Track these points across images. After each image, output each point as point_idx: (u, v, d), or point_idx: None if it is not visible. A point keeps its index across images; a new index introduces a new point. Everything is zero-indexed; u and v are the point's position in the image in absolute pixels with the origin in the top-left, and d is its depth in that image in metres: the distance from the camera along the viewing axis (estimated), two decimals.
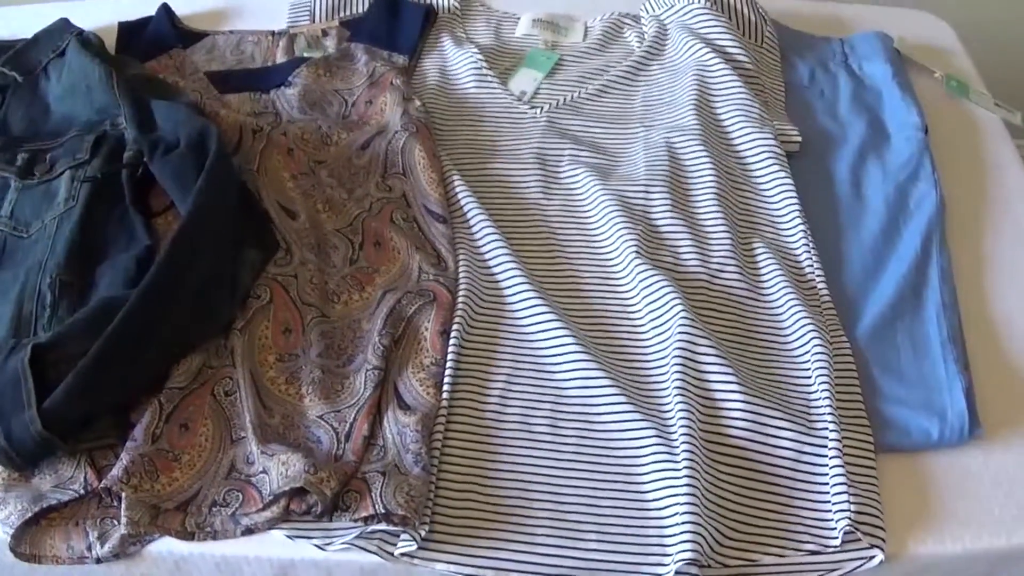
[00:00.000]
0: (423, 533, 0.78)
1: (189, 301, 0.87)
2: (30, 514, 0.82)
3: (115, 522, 0.82)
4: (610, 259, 0.91)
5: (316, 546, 0.80)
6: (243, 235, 0.93)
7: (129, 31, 1.15)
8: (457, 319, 0.87)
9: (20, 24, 1.21)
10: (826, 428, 0.82)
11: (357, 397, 0.84)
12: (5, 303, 0.94)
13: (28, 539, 0.82)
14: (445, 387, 0.85)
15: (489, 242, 0.92)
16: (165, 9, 1.16)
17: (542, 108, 1.02)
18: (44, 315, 0.92)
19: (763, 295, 0.89)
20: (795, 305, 0.88)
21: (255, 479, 0.82)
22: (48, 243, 0.96)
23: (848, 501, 0.78)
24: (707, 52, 1.01)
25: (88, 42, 1.08)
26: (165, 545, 0.82)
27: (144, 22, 1.17)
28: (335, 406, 0.84)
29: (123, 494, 0.81)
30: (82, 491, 0.82)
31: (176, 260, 0.86)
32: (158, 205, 0.98)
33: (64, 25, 1.11)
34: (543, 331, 0.87)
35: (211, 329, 0.89)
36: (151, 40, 1.12)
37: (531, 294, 0.88)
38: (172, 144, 0.96)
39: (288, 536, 0.80)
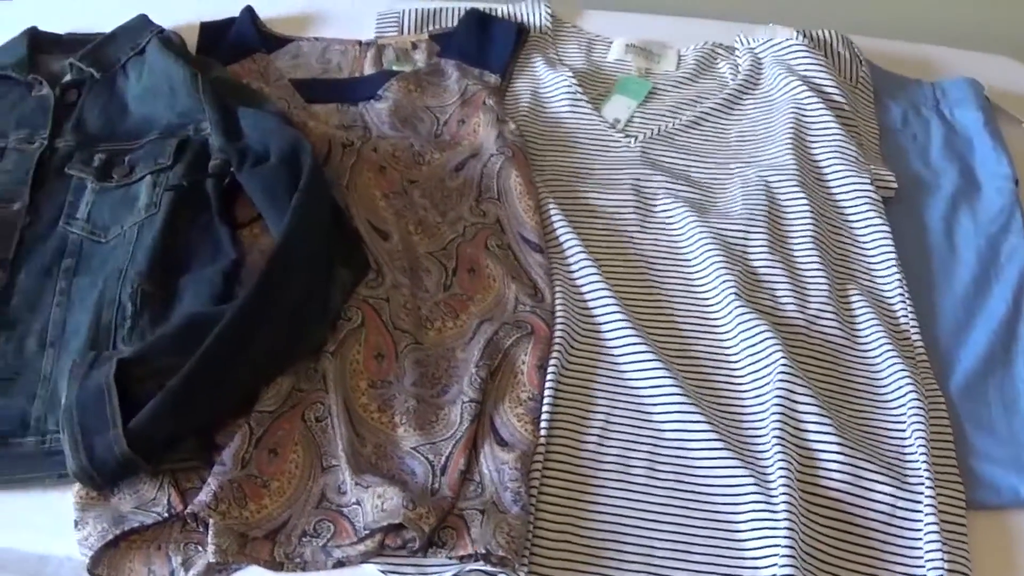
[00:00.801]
0: (522, 575, 0.76)
1: (283, 321, 0.85)
2: (111, 536, 0.80)
3: (199, 548, 0.80)
4: (708, 299, 0.90)
5: None
6: (334, 253, 0.90)
7: (211, 31, 1.13)
8: (555, 354, 0.86)
9: (94, 15, 1.17)
10: (921, 483, 0.81)
11: (453, 430, 0.82)
12: (82, 310, 0.92)
13: (106, 561, 0.80)
14: (543, 424, 0.83)
15: (586, 275, 0.90)
16: (249, 11, 1.13)
17: (636, 137, 1.01)
18: (124, 326, 0.90)
19: (859, 344, 0.88)
20: (891, 356, 0.87)
21: (347, 510, 0.80)
22: (128, 250, 0.94)
23: (942, 559, 0.77)
24: (804, 90, 1.00)
25: (169, 41, 1.05)
26: (251, 573, 0.79)
27: (227, 23, 1.15)
28: (430, 438, 0.82)
29: (211, 520, 0.78)
30: (165, 514, 0.80)
31: (272, 280, 0.84)
32: (243, 216, 0.95)
33: (143, 22, 1.08)
34: (641, 370, 0.85)
35: (303, 350, 0.87)
36: (234, 42, 1.10)
37: (629, 331, 0.86)
38: (261, 155, 0.94)
39: (381, 571, 0.79)
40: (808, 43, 1.03)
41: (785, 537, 0.77)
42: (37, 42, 1.11)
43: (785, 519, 0.77)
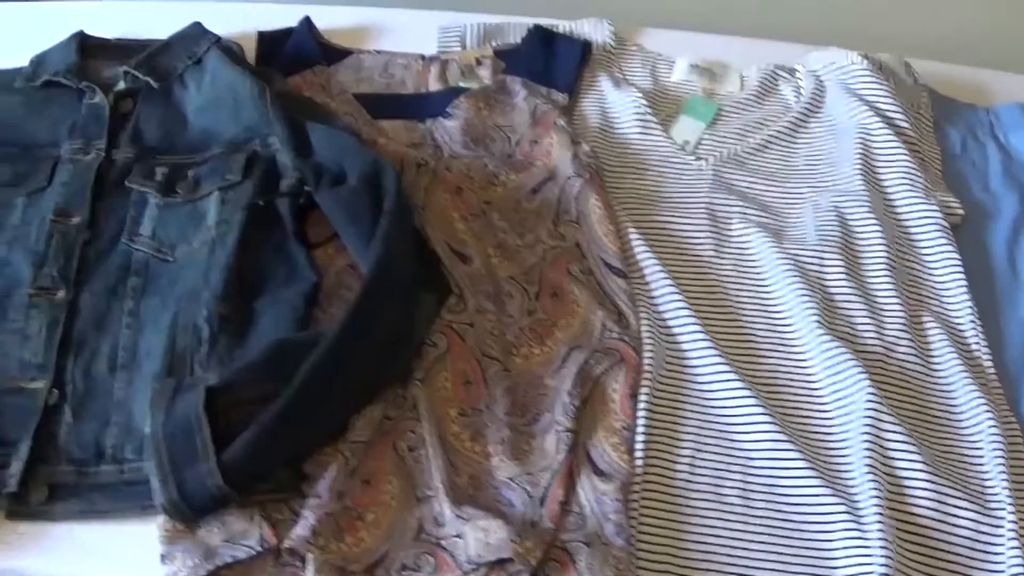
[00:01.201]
0: None
1: (376, 349, 0.84)
2: (203, 572, 0.77)
3: None
4: (788, 325, 0.91)
5: None
6: (417, 277, 0.89)
7: (269, 42, 1.10)
8: (645, 382, 0.86)
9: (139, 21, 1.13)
10: (1002, 508, 0.83)
11: (550, 460, 0.82)
12: (154, 333, 0.89)
13: None
14: (638, 454, 0.83)
15: (669, 301, 0.91)
16: (307, 22, 1.10)
17: (707, 160, 1.01)
18: (200, 350, 0.88)
19: (934, 371, 0.91)
20: (966, 382, 0.89)
21: (446, 542, 0.79)
22: (199, 270, 0.91)
23: None
24: (869, 115, 1.02)
25: (231, 51, 1.01)
26: None
27: (284, 33, 1.12)
28: (526, 468, 0.82)
29: (310, 556, 0.77)
30: (259, 548, 0.79)
31: (366, 307, 0.83)
32: (316, 236, 0.94)
33: (199, 30, 1.05)
34: (729, 398, 0.86)
35: (392, 378, 0.86)
36: (293, 54, 1.07)
37: (716, 359, 0.87)
38: (336, 174, 0.92)
39: None
40: (872, 67, 1.05)
41: (881, 565, 0.78)
42: (86, 47, 1.07)
43: (881, 549, 0.79)
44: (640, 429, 0.84)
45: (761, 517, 0.82)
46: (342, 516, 0.80)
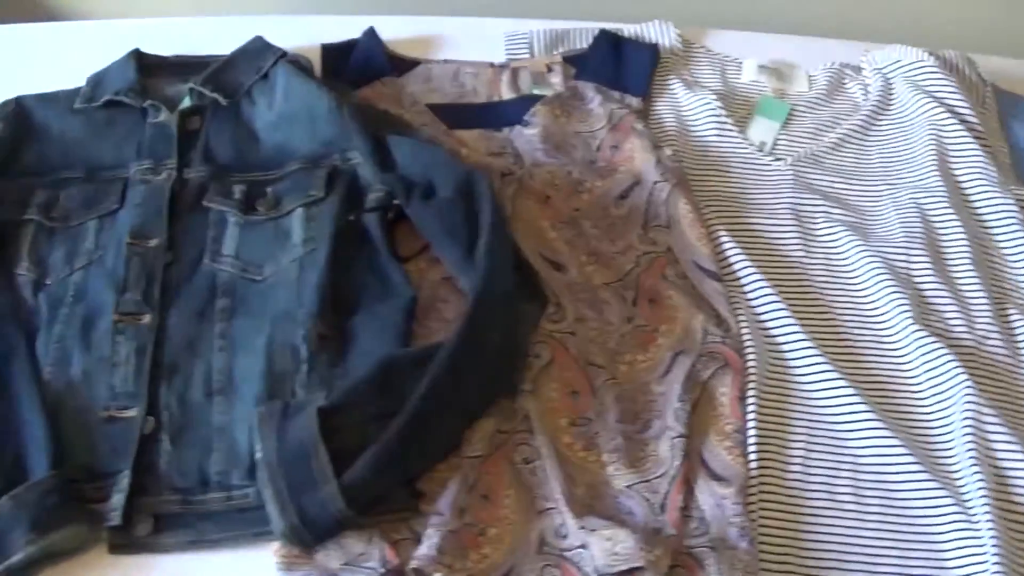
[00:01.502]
0: None
1: (488, 364, 0.83)
2: None
3: None
4: (881, 322, 0.92)
5: None
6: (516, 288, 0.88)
7: (334, 54, 1.09)
8: (751, 384, 0.87)
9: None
10: None
11: (666, 467, 0.82)
12: (249, 355, 0.88)
13: None
14: (751, 456, 0.83)
15: (766, 302, 0.91)
16: (373, 33, 1.09)
17: (786, 160, 1.01)
18: (300, 371, 0.86)
19: (1022, 364, 0.91)
20: None
21: (570, 554, 0.79)
22: (291, 290, 0.90)
23: None
24: (940, 111, 1.03)
25: (299, 65, 0.99)
26: None
27: (348, 45, 1.10)
28: (643, 476, 0.82)
29: (437, 575, 0.75)
30: (381, 569, 0.78)
31: (477, 322, 0.83)
32: (405, 250, 0.92)
33: (263, 44, 1.04)
34: (834, 396, 0.87)
35: (503, 391, 0.85)
36: (360, 66, 1.06)
37: (817, 359, 0.88)
38: (425, 186, 0.90)
39: None
40: (937, 63, 1.06)
41: (994, 555, 0.79)
42: (144, 65, 1.04)
43: (992, 538, 0.80)
44: (751, 431, 0.84)
45: (874, 514, 0.83)
46: (464, 533, 0.79)
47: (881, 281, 0.93)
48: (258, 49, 1.04)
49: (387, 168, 0.93)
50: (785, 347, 0.89)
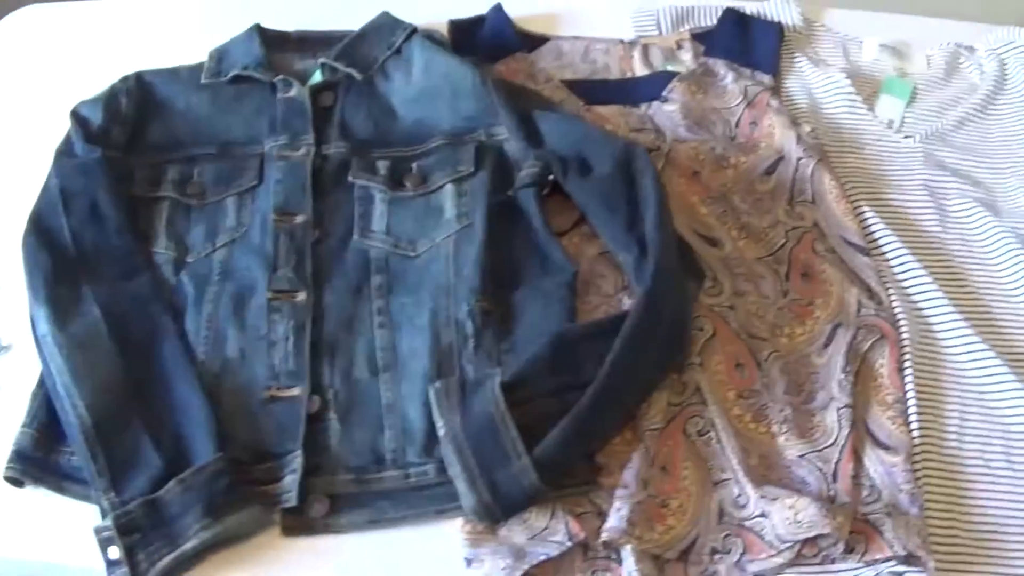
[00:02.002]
0: (933, 572, 0.78)
1: (664, 338, 0.84)
2: (519, 573, 0.77)
3: (607, 574, 0.78)
4: (1018, 296, 0.94)
5: None
6: None
7: (462, 30, 1.09)
8: (906, 356, 0.89)
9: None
10: None
11: (835, 436, 0.84)
12: (413, 331, 0.88)
13: None
14: (913, 425, 0.85)
15: (912, 276, 0.94)
16: (500, 9, 1.10)
17: (915, 138, 1.03)
18: (467, 346, 0.87)
19: None
20: None
21: (750, 523, 0.81)
22: (447, 265, 0.90)
23: None
24: None
25: (436, 40, 0.98)
26: None
27: (475, 21, 1.11)
28: (815, 446, 0.84)
29: (630, 547, 0.76)
30: (567, 542, 0.78)
31: (655, 297, 0.84)
32: (559, 226, 0.93)
33: (392, 20, 1.04)
34: (983, 367, 0.91)
35: (675, 364, 0.86)
36: (490, 42, 1.06)
37: (965, 331, 0.92)
38: (579, 162, 0.90)
39: None
40: None
41: None
42: (267, 39, 1.03)
43: None
44: (910, 401, 0.87)
45: None
46: (649, 504, 0.80)
47: (1016, 256, 0.95)
48: (388, 24, 1.03)
49: (535, 143, 0.94)
50: (933, 320, 0.92)
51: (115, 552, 0.77)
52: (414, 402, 0.84)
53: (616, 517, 0.78)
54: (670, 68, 1.07)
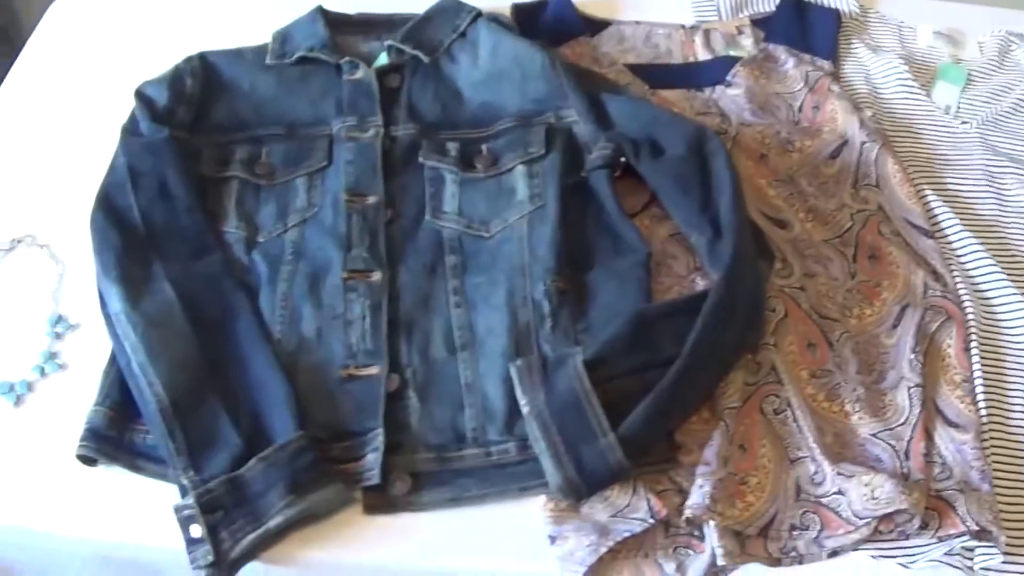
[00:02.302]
0: (1004, 547, 0.80)
1: (741, 317, 0.85)
2: (604, 549, 0.79)
3: (688, 551, 0.81)
4: None
5: (900, 564, 0.81)
6: None
7: (525, 13, 1.10)
8: (972, 336, 0.91)
9: None
10: None
11: (906, 415, 0.86)
12: (489, 310, 0.90)
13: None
14: (980, 404, 0.87)
15: (975, 259, 0.96)
16: None
17: (971, 123, 1.06)
18: (544, 325, 0.88)
19: None
20: None
21: (826, 500, 0.83)
22: (520, 245, 0.92)
23: None
24: None
25: (503, 24, 0.99)
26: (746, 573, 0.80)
27: (537, 5, 1.12)
28: (887, 424, 0.86)
29: (712, 523, 0.78)
30: (650, 520, 0.79)
31: (733, 278, 0.86)
32: (630, 207, 0.94)
33: (456, 3, 1.06)
34: None
35: (752, 344, 0.88)
36: (553, 25, 1.08)
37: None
38: (650, 144, 0.91)
39: (873, 556, 0.81)
40: None
41: None
42: (331, 22, 1.04)
43: None
44: (977, 381, 0.89)
45: None
46: (729, 482, 0.82)
47: None
48: (453, 7, 1.04)
49: (605, 126, 0.95)
50: (995, 301, 0.94)
51: (197, 530, 0.78)
52: (493, 380, 0.85)
53: (699, 494, 0.80)
54: (732, 53, 1.08)
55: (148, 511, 0.83)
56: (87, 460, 0.84)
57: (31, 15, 1.39)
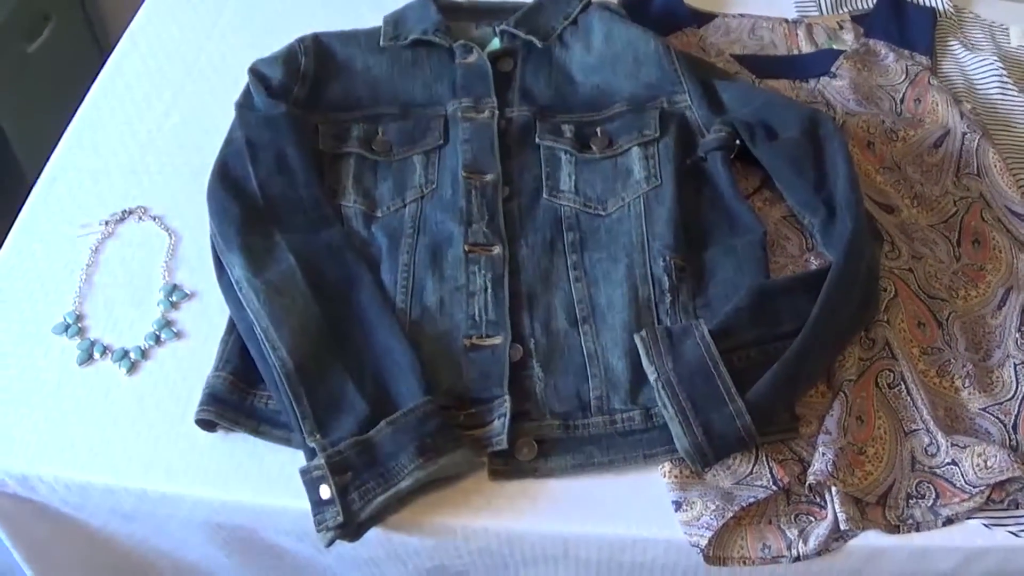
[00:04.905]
0: None
1: (859, 291, 0.94)
2: (730, 514, 0.86)
3: (811, 518, 0.89)
4: None
5: (1011, 533, 0.88)
6: None
7: (634, 4, 1.20)
8: None
9: None
10: None
11: (1014, 390, 0.95)
12: (610, 285, 0.98)
13: (715, 541, 0.86)
14: None
15: None
16: None
17: None
18: (665, 300, 0.96)
19: None
20: None
21: (941, 471, 0.90)
22: (637, 223, 1.00)
23: None
24: None
25: (615, 11, 1.08)
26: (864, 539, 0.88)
27: None
28: (996, 399, 0.95)
29: (835, 489, 0.85)
30: (773, 487, 0.87)
31: (852, 254, 0.94)
32: (743, 189, 1.02)
33: None
34: None
35: (869, 319, 0.96)
36: (661, 16, 1.18)
37: None
38: (763, 127, 1.00)
39: (986, 525, 0.88)
40: None
41: None
42: (442, 7, 1.13)
43: None
44: None
45: None
46: (849, 451, 0.89)
47: None
48: None
49: (718, 111, 1.04)
50: None
51: (327, 491, 0.83)
52: (616, 351, 0.93)
53: (822, 461, 0.87)
54: (834, 47, 1.18)
55: (262, 477, 0.89)
56: (207, 424, 0.91)
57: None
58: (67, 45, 1.89)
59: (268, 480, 0.89)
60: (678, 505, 0.87)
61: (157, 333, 0.99)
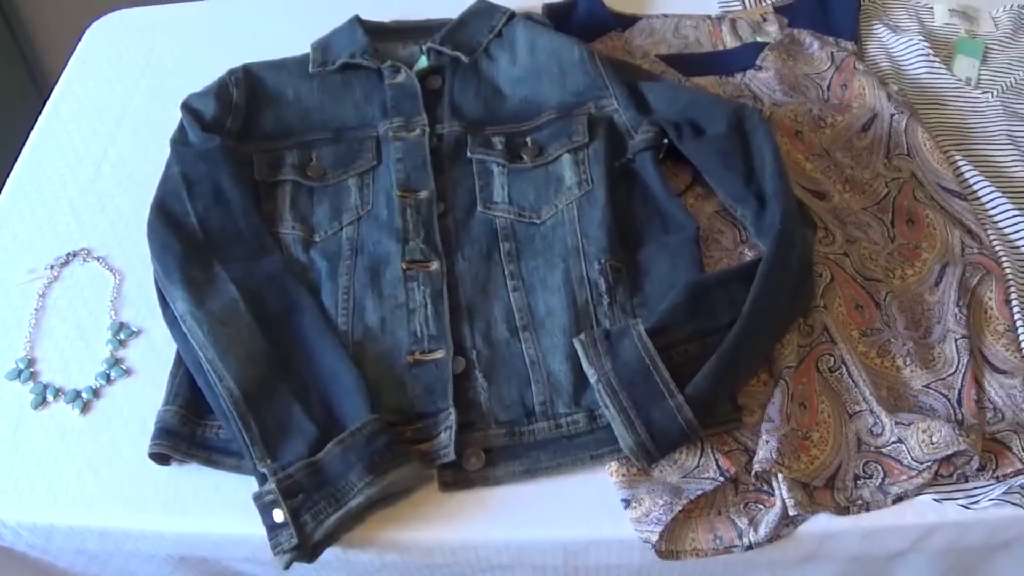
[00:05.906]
0: None
1: (793, 281, 0.96)
2: (678, 508, 0.89)
3: (760, 506, 0.91)
4: None
5: (962, 506, 0.90)
6: None
7: (557, 13, 1.24)
8: (1012, 288, 1.02)
9: None
10: None
11: (955, 364, 0.97)
12: (548, 292, 1.00)
13: (665, 536, 0.89)
14: None
15: (1008, 217, 1.07)
16: None
17: (992, 92, 1.18)
18: (603, 302, 0.99)
19: None
20: None
21: (887, 450, 0.93)
22: (571, 229, 1.03)
23: None
24: None
25: (538, 21, 1.12)
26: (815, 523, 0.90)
27: (568, 5, 1.25)
28: (938, 375, 0.97)
29: (780, 475, 0.88)
30: (720, 479, 0.89)
31: (783, 243, 0.97)
32: (674, 187, 1.04)
33: (489, 6, 1.19)
34: None
35: (805, 307, 0.99)
36: (585, 22, 1.21)
37: None
38: (689, 125, 1.03)
39: (936, 500, 0.91)
40: None
41: None
42: (368, 30, 1.16)
43: None
44: (1020, 330, 1.00)
45: None
46: (793, 437, 0.92)
47: None
48: (487, 9, 1.18)
49: (645, 112, 1.07)
50: None
51: (279, 515, 0.86)
52: (557, 357, 0.96)
53: (766, 449, 0.90)
54: (758, 39, 1.22)
55: (220, 507, 0.91)
56: (160, 458, 0.94)
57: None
58: (5, 91, 1.93)
59: (226, 509, 0.92)
60: (627, 503, 0.90)
61: (107, 372, 1.02)
